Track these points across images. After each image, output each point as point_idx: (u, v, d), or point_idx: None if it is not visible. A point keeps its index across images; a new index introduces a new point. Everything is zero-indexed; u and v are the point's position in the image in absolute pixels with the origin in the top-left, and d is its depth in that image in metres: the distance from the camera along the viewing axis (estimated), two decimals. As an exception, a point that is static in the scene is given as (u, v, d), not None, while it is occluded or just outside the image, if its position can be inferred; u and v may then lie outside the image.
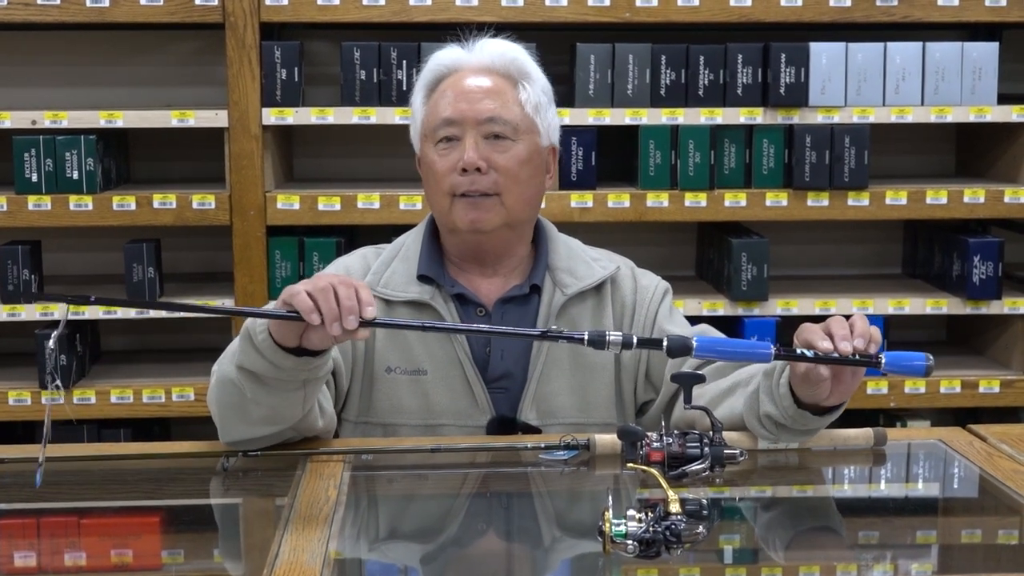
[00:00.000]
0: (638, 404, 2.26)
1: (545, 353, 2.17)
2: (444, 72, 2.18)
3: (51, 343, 1.68)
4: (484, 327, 2.02)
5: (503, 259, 2.21)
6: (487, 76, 2.16)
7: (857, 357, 1.84)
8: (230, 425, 1.98)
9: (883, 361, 1.81)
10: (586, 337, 1.78)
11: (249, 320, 1.89)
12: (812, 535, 1.78)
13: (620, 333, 1.78)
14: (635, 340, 1.78)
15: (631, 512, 1.56)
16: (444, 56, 2.20)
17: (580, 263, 2.23)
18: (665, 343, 1.80)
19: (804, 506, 1.77)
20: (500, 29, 2.96)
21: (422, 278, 2.18)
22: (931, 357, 1.81)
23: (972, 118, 3.43)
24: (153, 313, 3.38)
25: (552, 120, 2.21)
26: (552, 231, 2.28)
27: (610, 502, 1.62)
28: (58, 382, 1.68)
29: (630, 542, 1.54)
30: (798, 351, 1.83)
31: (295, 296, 1.78)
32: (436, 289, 2.18)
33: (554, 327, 1.90)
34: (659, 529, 1.55)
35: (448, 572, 1.65)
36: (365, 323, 1.79)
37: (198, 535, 1.79)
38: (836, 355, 1.83)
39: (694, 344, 1.79)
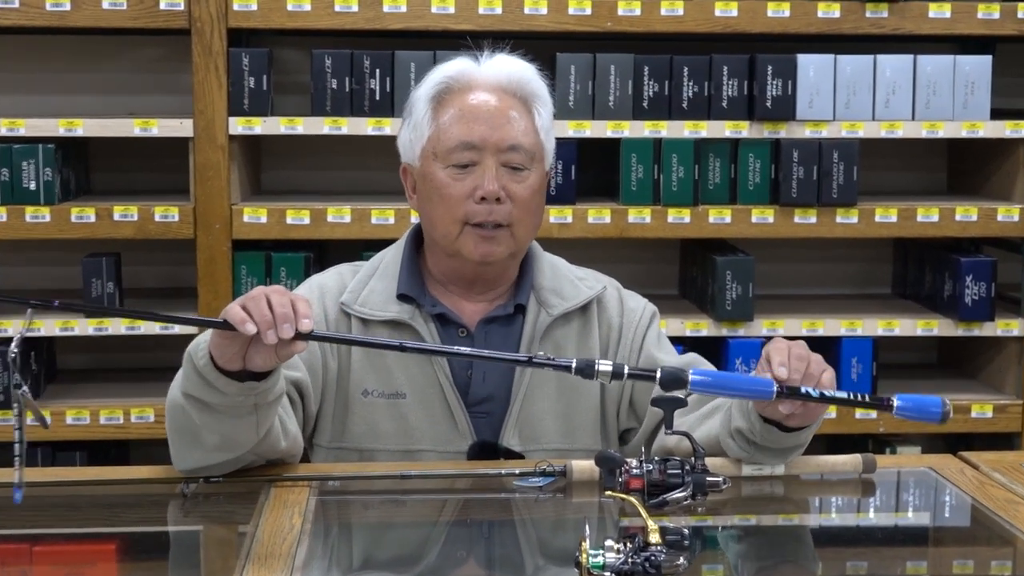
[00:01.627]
0: (619, 431, 2.25)
1: (529, 375, 2.16)
2: (453, 85, 2.16)
3: (14, 345, 1.66)
4: (465, 350, 1.99)
5: (495, 285, 2.21)
6: (504, 97, 2.14)
7: (862, 397, 1.83)
8: (184, 452, 1.97)
9: (895, 405, 1.79)
10: (573, 365, 1.77)
11: (191, 345, 1.88)
12: (796, 566, 1.77)
13: (610, 363, 1.77)
14: (626, 371, 1.76)
15: (609, 542, 1.55)
16: (454, 67, 2.18)
17: (566, 283, 2.22)
18: (658, 376, 1.77)
19: (789, 536, 1.76)
20: (478, 37, 2.95)
21: (402, 297, 2.17)
22: (947, 402, 1.79)
23: (964, 133, 3.44)
24: (112, 330, 3.35)
25: (553, 142, 2.22)
26: (536, 250, 2.28)
27: (587, 532, 1.61)
28: (24, 388, 1.66)
29: (608, 574, 1.53)
30: (803, 390, 1.81)
31: (228, 311, 1.78)
32: (416, 309, 2.17)
33: (541, 353, 1.88)
34: (638, 560, 1.54)
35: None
36: (304, 336, 1.78)
37: (155, 565, 1.77)
38: (846, 395, 1.82)
39: (689, 378, 1.77)
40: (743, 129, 3.40)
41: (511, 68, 2.18)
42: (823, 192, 3.40)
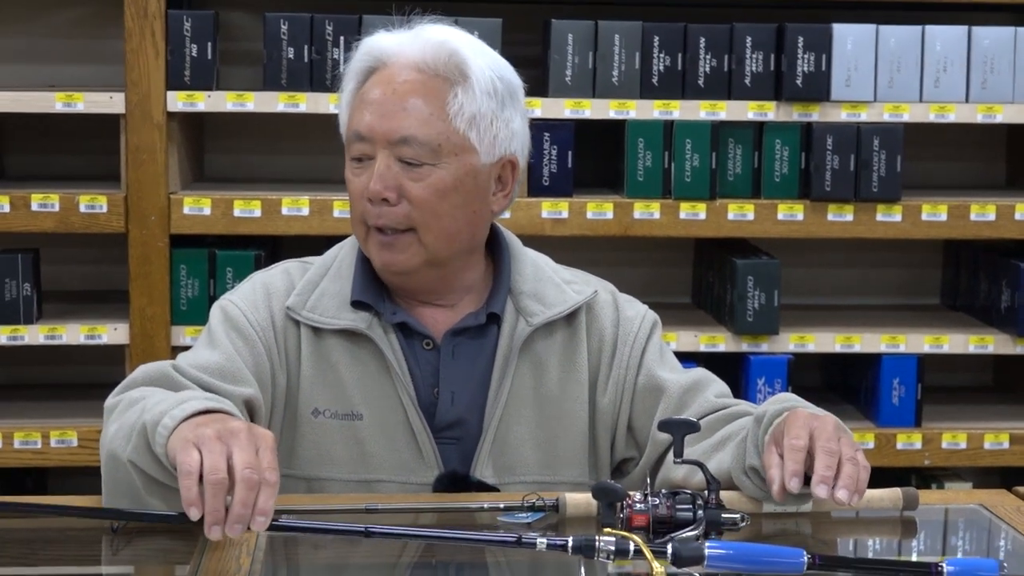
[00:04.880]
0: (615, 462, 2.27)
1: (505, 396, 2.17)
2: (375, 63, 2.15)
3: None
4: (445, 534, 1.85)
5: (443, 292, 2.21)
6: (411, 76, 2.12)
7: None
8: (117, 500, 1.97)
9: (945, 572, 1.78)
10: (570, 544, 1.71)
11: (149, 417, 1.85)
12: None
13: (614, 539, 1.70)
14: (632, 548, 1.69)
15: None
16: (377, 42, 2.16)
17: (550, 286, 2.23)
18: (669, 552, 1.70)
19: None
20: (460, 1, 2.96)
21: (357, 303, 2.18)
22: (1006, 566, 1.80)
23: (1026, 118, 3.47)
24: (28, 339, 3.36)
25: (502, 130, 2.16)
26: (516, 247, 2.28)
27: (582, 575, 1.63)
28: None
29: None
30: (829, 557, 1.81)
31: (184, 467, 1.71)
32: (374, 317, 2.18)
33: (536, 536, 1.81)
34: None
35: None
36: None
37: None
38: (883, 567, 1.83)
39: (706, 554, 1.71)
40: (769, 111, 3.43)
41: (435, 42, 2.14)
42: (861, 186, 3.43)
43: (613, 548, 1.66)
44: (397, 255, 2.12)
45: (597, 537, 1.68)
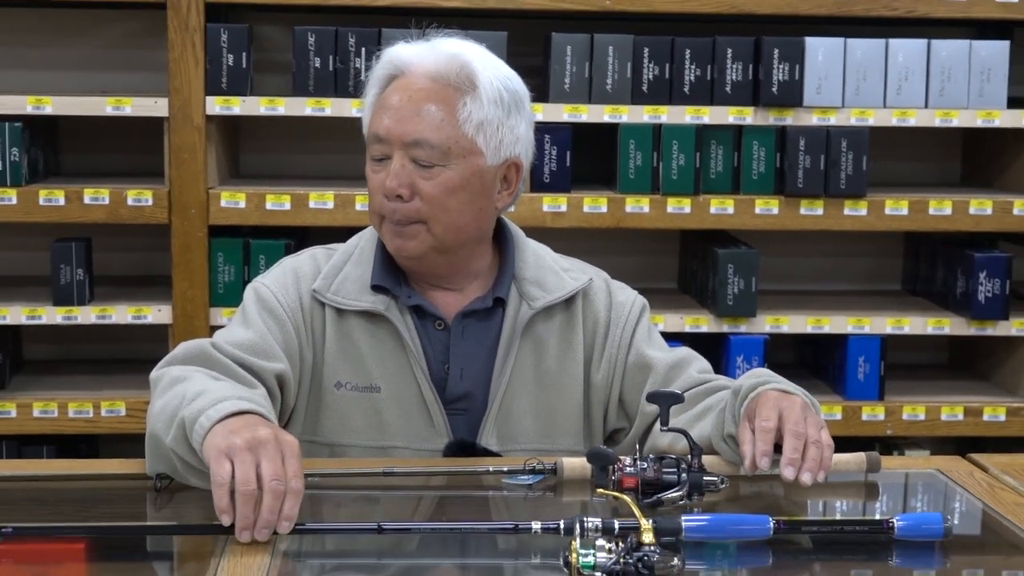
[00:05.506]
0: (607, 432, 2.27)
1: (508, 373, 2.17)
2: (395, 71, 2.15)
3: None
4: (452, 527, 1.82)
5: (453, 277, 2.21)
6: (427, 84, 2.11)
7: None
8: (160, 469, 1.97)
9: (895, 526, 1.79)
10: (562, 527, 1.70)
11: (189, 411, 1.85)
12: (794, 570, 1.78)
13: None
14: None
15: (600, 542, 1.57)
16: (397, 53, 2.16)
17: (549, 273, 2.23)
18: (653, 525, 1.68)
19: (787, 538, 1.78)
20: (469, 16, 2.96)
21: (376, 287, 2.18)
22: (949, 517, 1.80)
23: (980, 123, 3.46)
24: (81, 319, 3.36)
25: (506, 135, 2.15)
26: (519, 238, 2.28)
27: (577, 531, 1.63)
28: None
29: (598, 574, 1.55)
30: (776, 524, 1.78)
31: (216, 478, 1.72)
32: (391, 300, 2.18)
33: (536, 525, 1.75)
34: (630, 561, 1.55)
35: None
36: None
37: (127, 563, 1.78)
38: (839, 523, 1.84)
39: (683, 527, 1.72)
40: (747, 115, 3.42)
41: (449, 54, 2.13)
42: (831, 183, 3.42)
43: (600, 527, 1.66)
44: (408, 242, 2.13)
45: (586, 518, 1.67)
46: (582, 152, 3.51)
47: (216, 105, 3.34)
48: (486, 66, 2.15)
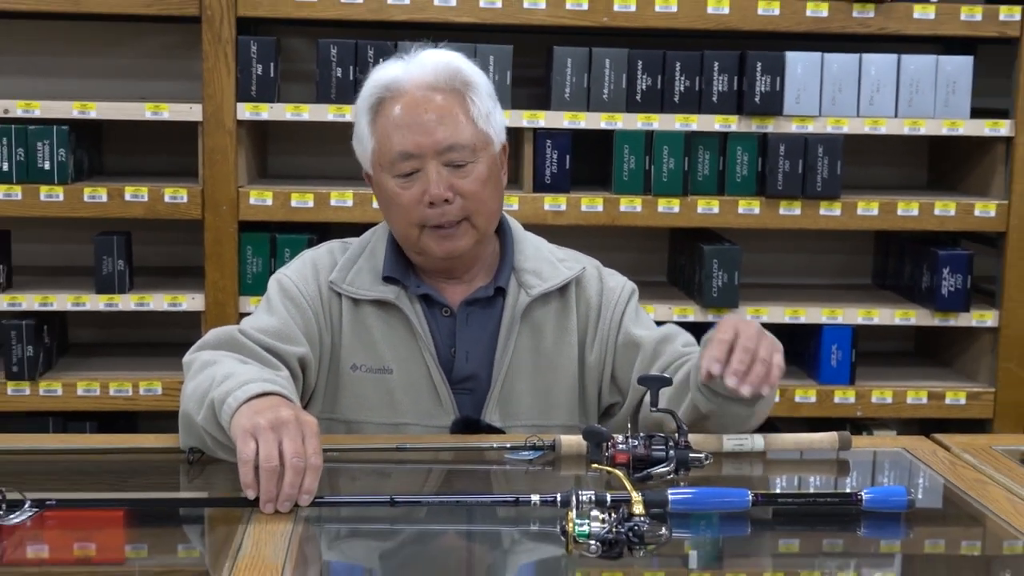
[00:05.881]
0: (602, 407, 2.27)
1: (509, 356, 2.17)
2: (385, 95, 2.12)
3: None
4: (460, 498, 1.84)
5: (470, 269, 2.21)
6: (434, 95, 2.09)
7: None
8: (192, 444, 1.98)
9: (863, 498, 1.78)
10: (559, 500, 1.71)
11: (218, 392, 1.86)
12: (770, 540, 1.79)
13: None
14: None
15: (595, 513, 1.57)
16: (383, 74, 2.13)
17: (546, 263, 2.23)
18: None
19: (764, 510, 1.78)
20: (478, 30, 2.95)
21: (387, 279, 2.18)
22: (912, 491, 1.79)
23: (945, 131, 3.45)
24: (121, 306, 3.37)
25: (499, 120, 2.17)
26: (518, 231, 2.27)
27: (573, 503, 1.63)
28: None
29: (593, 542, 1.55)
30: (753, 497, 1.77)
31: (242, 455, 1.73)
32: (402, 289, 2.18)
33: (534, 499, 1.74)
34: (622, 530, 1.56)
35: (409, 571, 1.65)
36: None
37: (162, 529, 1.78)
38: (812, 498, 1.83)
39: (669, 500, 1.72)
40: (732, 123, 3.41)
41: (438, 63, 2.12)
42: (808, 185, 3.41)
43: (594, 499, 1.66)
44: (457, 241, 2.12)
45: (581, 491, 1.67)
46: (581, 156, 3.50)
47: (246, 111, 3.34)
48: (471, 66, 2.16)
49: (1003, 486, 1.92)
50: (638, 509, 1.61)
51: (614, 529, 1.55)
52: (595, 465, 1.84)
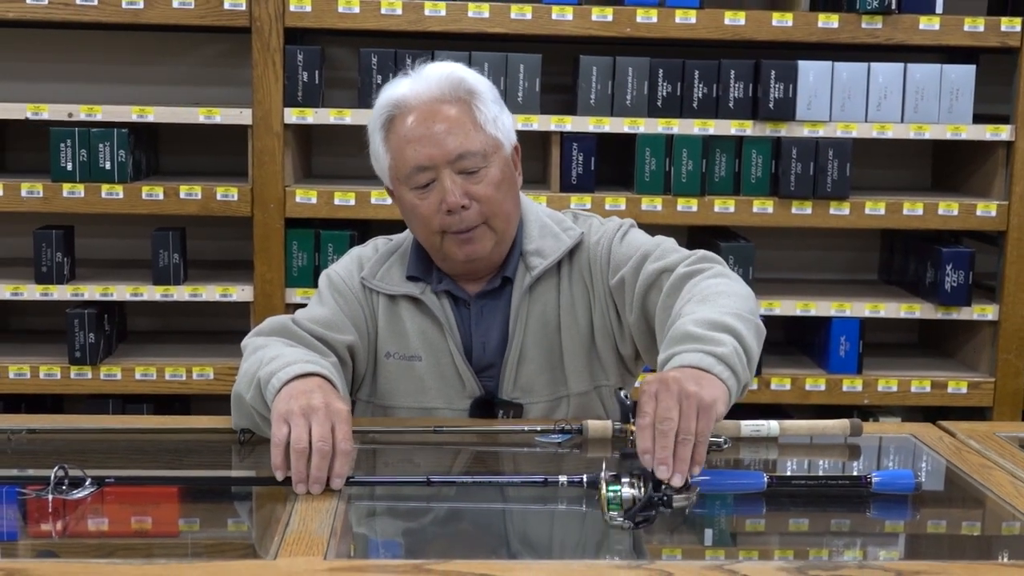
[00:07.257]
0: (622, 362, 2.18)
1: (520, 338, 2.15)
2: (395, 112, 2.08)
3: None
4: (490, 479, 1.81)
5: (493, 268, 2.19)
6: (441, 107, 2.06)
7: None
8: (242, 425, 1.98)
9: (872, 481, 1.76)
10: (585, 481, 1.68)
11: (264, 372, 1.86)
12: (782, 519, 1.77)
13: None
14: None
15: (625, 480, 1.57)
16: (391, 93, 2.10)
17: (550, 238, 2.17)
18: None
19: (777, 492, 1.76)
20: (508, 40, 2.93)
21: (412, 278, 2.18)
22: (919, 475, 1.77)
23: (948, 136, 3.42)
24: (176, 297, 3.37)
25: (507, 123, 2.13)
26: (525, 210, 2.21)
27: (604, 471, 1.62)
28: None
29: (623, 508, 1.55)
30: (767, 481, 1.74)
31: (275, 439, 1.73)
32: (426, 286, 2.17)
33: (562, 479, 1.71)
34: (653, 495, 1.56)
35: (449, 543, 1.64)
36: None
37: (213, 504, 1.78)
38: (824, 481, 1.80)
39: (690, 482, 1.63)
40: (747, 128, 3.39)
41: (441, 76, 2.08)
42: (818, 186, 3.39)
43: (613, 478, 1.63)
44: (476, 245, 2.09)
45: (606, 472, 1.63)
46: (605, 158, 3.49)
47: (292, 115, 3.34)
48: (473, 75, 2.12)
49: (1007, 470, 1.89)
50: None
51: (644, 493, 1.55)
52: (628, 427, 1.83)
